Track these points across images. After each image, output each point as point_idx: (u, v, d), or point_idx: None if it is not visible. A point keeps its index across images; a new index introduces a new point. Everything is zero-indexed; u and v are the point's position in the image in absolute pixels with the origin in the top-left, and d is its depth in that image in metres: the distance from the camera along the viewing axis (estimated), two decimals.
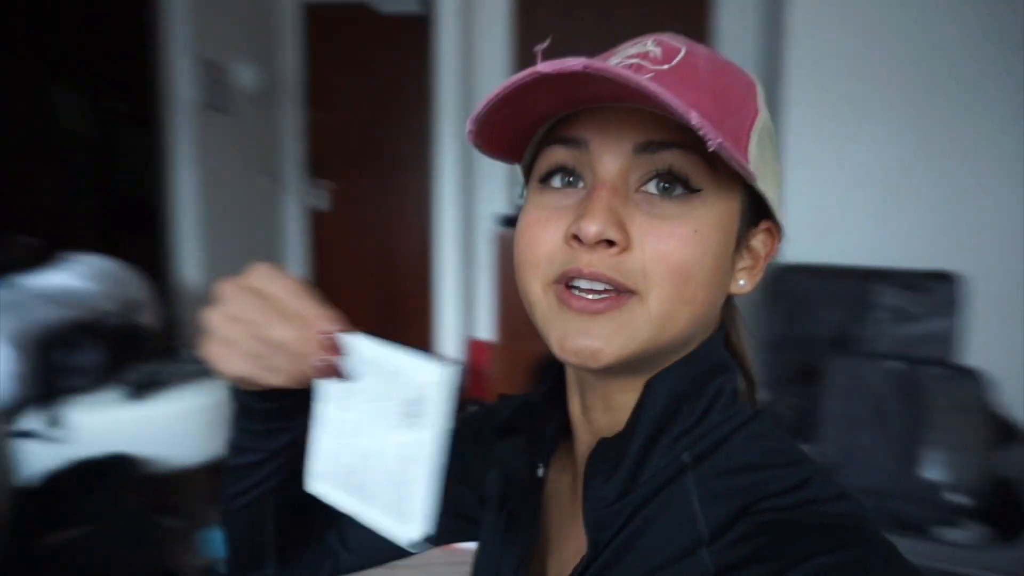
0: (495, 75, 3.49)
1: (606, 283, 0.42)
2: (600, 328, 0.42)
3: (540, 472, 0.54)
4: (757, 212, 0.48)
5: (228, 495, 0.58)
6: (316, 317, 0.43)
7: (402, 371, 0.42)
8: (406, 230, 3.92)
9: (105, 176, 4.29)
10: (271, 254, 4.05)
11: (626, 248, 0.42)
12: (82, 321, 2.05)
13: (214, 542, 1.97)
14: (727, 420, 0.45)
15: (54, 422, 1.82)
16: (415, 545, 0.43)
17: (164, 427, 1.95)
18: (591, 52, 0.44)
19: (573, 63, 0.37)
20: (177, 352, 2.29)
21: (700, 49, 0.46)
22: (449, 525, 0.66)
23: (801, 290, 2.41)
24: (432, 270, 3.66)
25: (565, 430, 0.56)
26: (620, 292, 0.42)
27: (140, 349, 2.19)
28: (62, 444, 1.81)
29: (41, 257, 2.48)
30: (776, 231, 0.49)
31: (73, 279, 2.28)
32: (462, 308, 3.57)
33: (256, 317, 0.43)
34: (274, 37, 4.02)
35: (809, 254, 2.47)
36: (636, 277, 0.42)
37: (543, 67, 0.38)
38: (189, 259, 3.31)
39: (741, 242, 0.47)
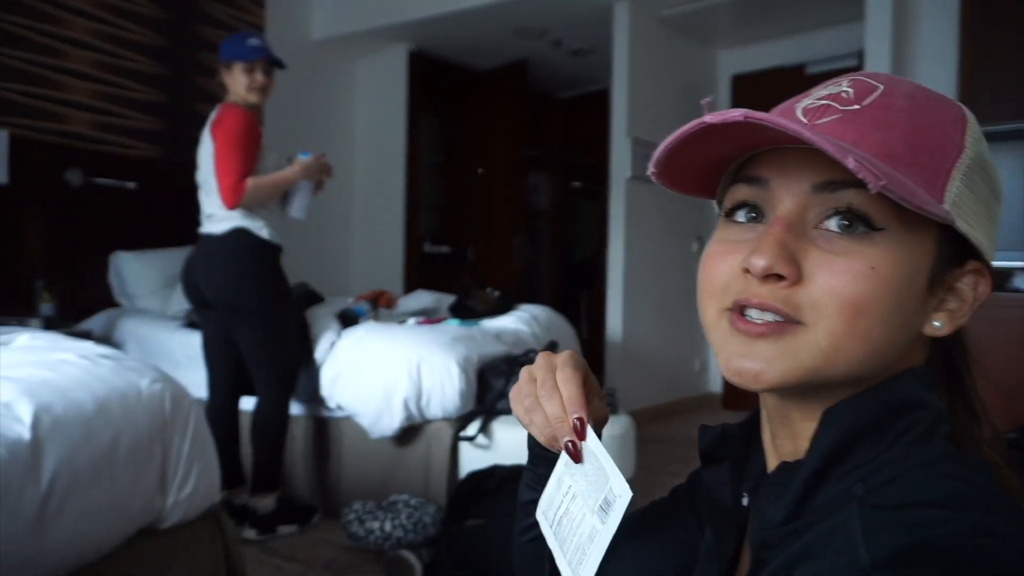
0: None
1: (775, 313, 0.43)
2: (762, 352, 0.43)
3: (745, 501, 0.54)
4: (962, 252, 0.45)
5: (518, 529, 0.66)
6: (575, 405, 0.54)
7: (608, 474, 0.51)
8: None
9: (561, 241, 5.17)
10: (685, 309, 4.28)
11: (797, 282, 0.42)
12: (513, 355, 2.57)
13: None
14: (910, 456, 0.42)
15: (485, 433, 2.34)
16: None
17: None
18: None
19: (735, 114, 0.39)
20: None
21: (903, 86, 0.45)
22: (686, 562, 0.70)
23: None
24: None
25: None
26: (786, 321, 0.43)
27: None
28: (487, 451, 2.31)
29: (504, 306, 3.18)
30: (986, 273, 0.46)
31: (514, 322, 2.87)
32: None
33: (542, 386, 0.56)
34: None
35: None
36: (805, 310, 0.42)
37: (708, 118, 0.41)
38: (614, 310, 3.75)
39: (938, 282, 0.45)
